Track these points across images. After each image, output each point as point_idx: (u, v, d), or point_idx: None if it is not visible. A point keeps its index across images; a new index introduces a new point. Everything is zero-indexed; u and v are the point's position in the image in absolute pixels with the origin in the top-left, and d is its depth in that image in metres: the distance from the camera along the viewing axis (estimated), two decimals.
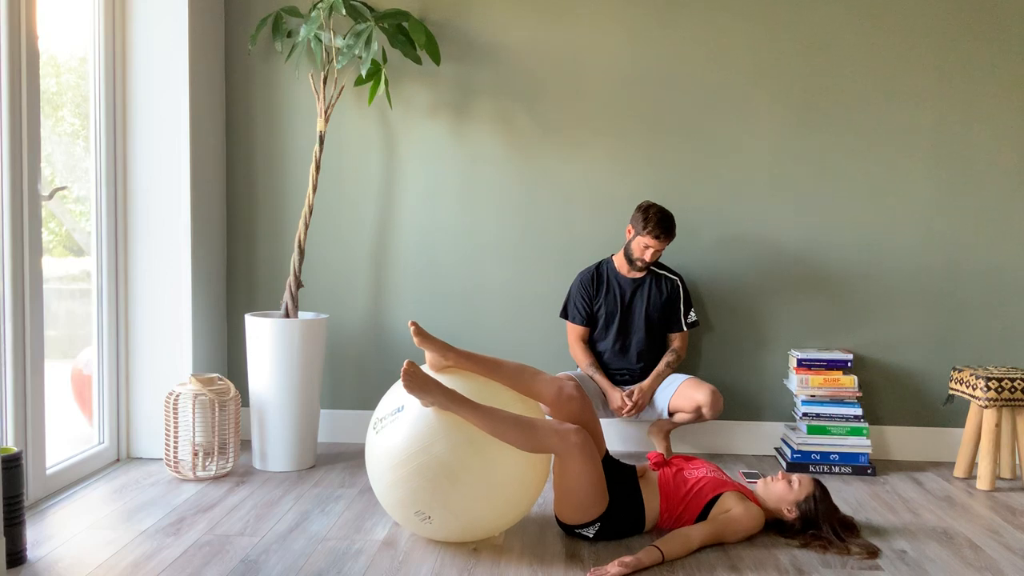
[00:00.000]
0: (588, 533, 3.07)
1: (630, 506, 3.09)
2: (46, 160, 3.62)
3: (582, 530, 3.07)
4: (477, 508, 2.91)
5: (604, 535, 3.07)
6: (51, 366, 3.54)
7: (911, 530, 3.29)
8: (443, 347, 3.06)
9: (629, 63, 4.26)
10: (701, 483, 3.14)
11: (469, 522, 2.94)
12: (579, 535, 3.09)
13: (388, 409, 3.01)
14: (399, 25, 4.03)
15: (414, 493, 2.88)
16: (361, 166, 4.35)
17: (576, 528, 3.08)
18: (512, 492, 2.96)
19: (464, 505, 2.88)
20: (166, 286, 3.98)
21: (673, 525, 3.12)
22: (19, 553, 2.81)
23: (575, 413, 3.10)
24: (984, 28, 4.15)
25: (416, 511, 2.91)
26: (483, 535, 3.06)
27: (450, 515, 2.90)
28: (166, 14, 3.92)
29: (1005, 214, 4.21)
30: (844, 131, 4.22)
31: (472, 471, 2.86)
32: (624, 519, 3.08)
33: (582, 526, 3.06)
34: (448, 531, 2.97)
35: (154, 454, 4.00)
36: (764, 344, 4.31)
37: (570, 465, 2.93)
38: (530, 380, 3.10)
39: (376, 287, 4.39)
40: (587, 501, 3.00)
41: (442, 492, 2.85)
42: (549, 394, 3.10)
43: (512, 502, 2.98)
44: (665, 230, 3.90)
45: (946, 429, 4.25)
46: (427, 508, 2.89)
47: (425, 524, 2.94)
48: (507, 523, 3.06)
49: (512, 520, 3.07)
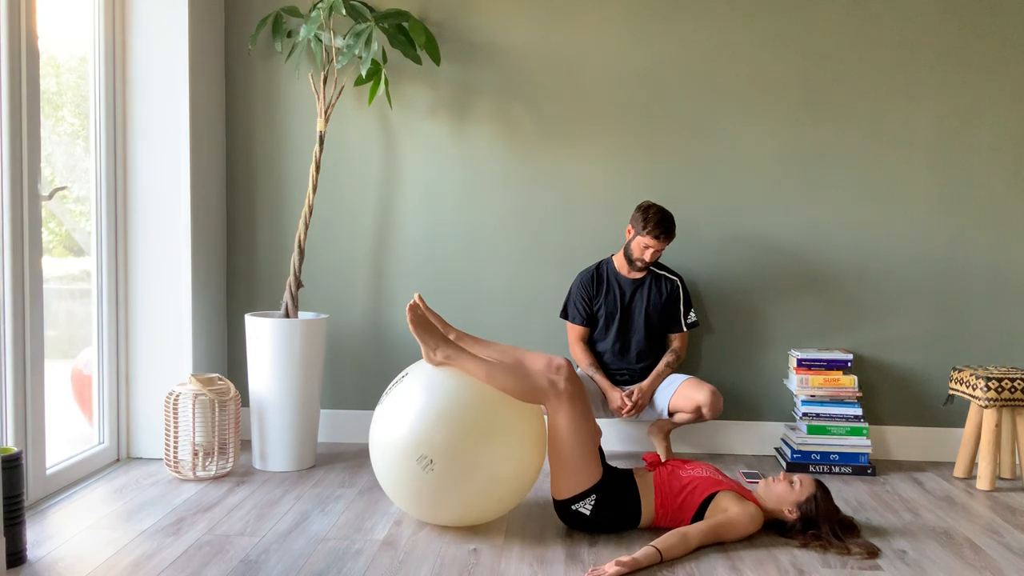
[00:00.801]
0: (585, 509, 3.08)
1: (626, 490, 3.13)
2: (46, 160, 3.62)
3: (579, 505, 3.08)
4: (479, 451, 2.98)
5: (602, 512, 3.08)
6: (51, 366, 3.54)
7: (911, 530, 3.29)
8: (442, 323, 3.30)
9: (629, 63, 4.26)
10: (696, 482, 3.15)
11: (470, 470, 2.98)
12: (576, 514, 3.10)
13: (393, 380, 3.24)
14: (399, 25, 4.03)
15: (416, 434, 2.97)
16: (361, 166, 4.35)
17: (573, 504, 3.09)
18: (514, 444, 3.08)
19: (465, 445, 2.97)
20: (166, 286, 3.98)
21: (668, 524, 3.13)
22: (19, 553, 2.82)
23: None
24: (984, 28, 4.15)
25: (419, 456, 2.96)
26: (483, 500, 3.06)
27: (453, 458, 2.95)
28: (166, 14, 3.92)
29: (1005, 214, 4.21)
30: (844, 131, 4.22)
31: (476, 414, 3.02)
32: (620, 498, 3.11)
33: (578, 498, 3.08)
34: (448, 485, 2.99)
35: (154, 454, 4.00)
36: (764, 344, 4.31)
37: (561, 415, 3.05)
38: (521, 355, 3.25)
39: (376, 287, 4.39)
40: (579, 461, 3.05)
41: (445, 429, 2.97)
42: (539, 366, 3.16)
43: (513, 457, 3.07)
44: (665, 230, 3.90)
45: (946, 429, 4.25)
46: (429, 450, 2.94)
47: (427, 475, 2.96)
48: (507, 485, 3.08)
49: (512, 482, 3.09)
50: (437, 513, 3.11)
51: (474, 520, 3.16)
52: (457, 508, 3.07)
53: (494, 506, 3.12)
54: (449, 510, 3.08)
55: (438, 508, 3.08)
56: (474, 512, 3.11)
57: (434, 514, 3.12)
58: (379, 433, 3.13)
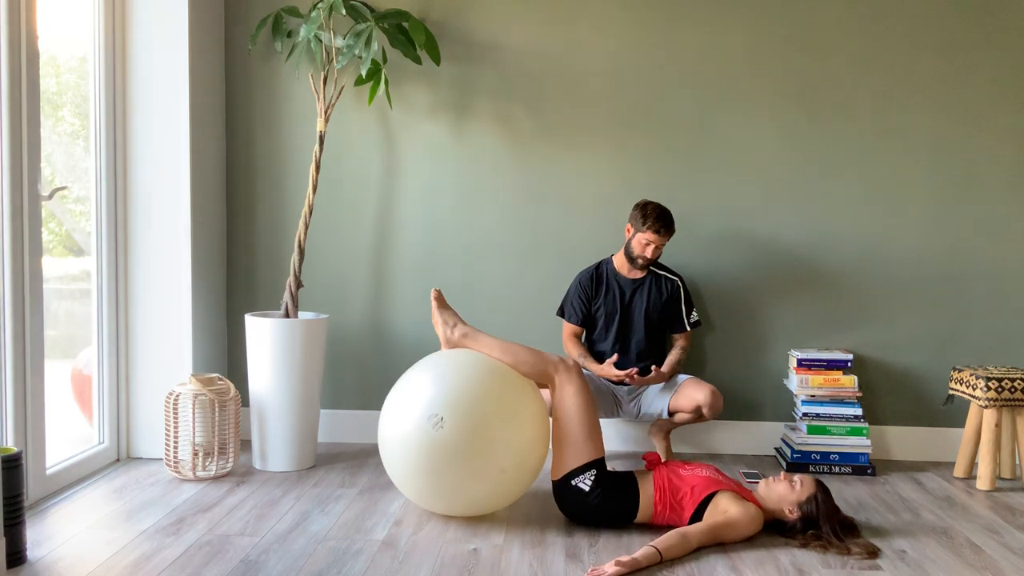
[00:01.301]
0: (584, 484, 3.12)
1: (624, 477, 3.20)
2: (46, 160, 3.62)
3: (578, 480, 3.13)
4: (490, 415, 3.11)
5: (601, 491, 3.12)
6: (51, 366, 3.54)
7: (911, 530, 3.29)
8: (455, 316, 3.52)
9: (629, 63, 4.26)
10: (695, 481, 3.15)
11: (481, 433, 3.07)
12: (576, 490, 3.13)
13: None
14: (399, 25, 4.03)
15: (431, 398, 3.11)
16: (361, 166, 4.35)
17: (572, 479, 3.13)
18: (523, 415, 3.21)
19: (477, 409, 3.10)
20: (166, 286, 3.98)
21: (666, 522, 3.15)
22: (19, 553, 2.82)
23: None
24: (984, 28, 4.15)
25: (431, 415, 3.07)
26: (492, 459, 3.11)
27: (463, 418, 3.06)
28: (166, 14, 3.92)
29: (1005, 214, 4.21)
30: (844, 131, 4.22)
31: (488, 381, 3.19)
32: (619, 481, 3.18)
33: (578, 472, 3.13)
34: (456, 448, 3.04)
35: (154, 454, 4.00)
36: (764, 344, 4.31)
37: (567, 390, 3.21)
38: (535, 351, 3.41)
39: (376, 287, 4.39)
40: (581, 435, 3.14)
41: (457, 393, 3.11)
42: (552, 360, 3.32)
43: (521, 425, 3.18)
44: (665, 224, 3.91)
45: (946, 429, 4.25)
46: (442, 409, 3.07)
47: (437, 432, 3.05)
48: (517, 457, 3.13)
49: (523, 454, 3.15)
50: (442, 489, 3.15)
51: (477, 503, 3.20)
52: (463, 482, 3.12)
53: (496, 479, 3.15)
54: (454, 485, 3.13)
55: (444, 481, 3.12)
56: (477, 486, 3.15)
57: (439, 491, 3.16)
58: (391, 408, 3.25)
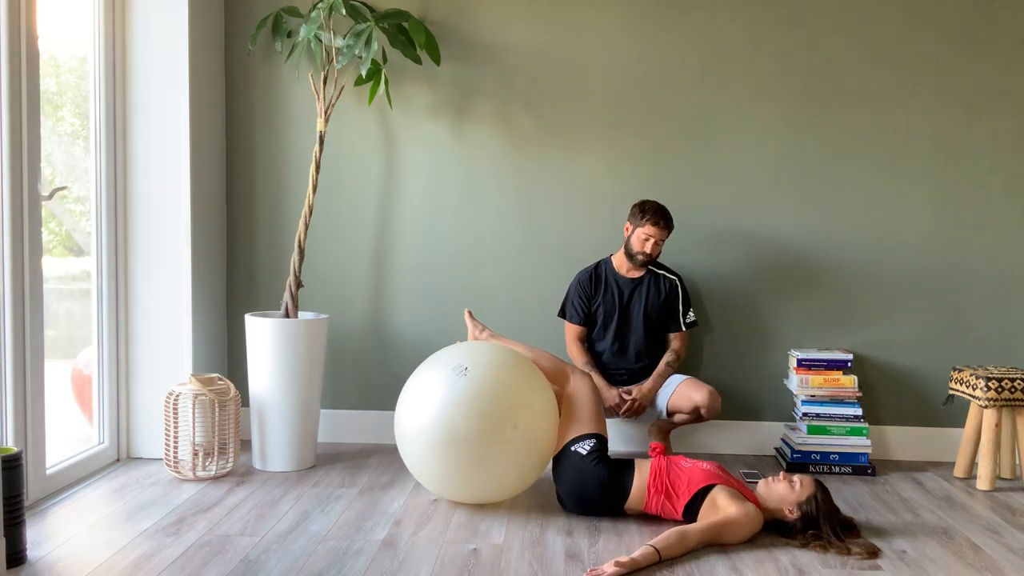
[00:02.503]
0: (582, 448, 3.25)
1: (622, 463, 3.29)
2: (46, 160, 3.62)
3: (578, 445, 3.27)
4: (512, 375, 3.32)
5: (598, 457, 3.25)
6: (51, 366, 3.54)
7: (911, 530, 3.29)
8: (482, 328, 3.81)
9: (629, 63, 4.26)
10: (695, 473, 3.18)
11: (501, 387, 3.26)
12: (573, 454, 3.26)
13: None
14: (399, 25, 4.03)
15: (455, 357, 3.34)
16: (361, 166, 4.35)
17: (572, 445, 3.27)
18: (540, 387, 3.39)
19: (500, 365, 3.31)
20: (166, 286, 3.98)
21: (659, 509, 3.20)
22: (19, 553, 2.82)
23: None
24: (984, 29, 4.15)
25: (455, 364, 3.28)
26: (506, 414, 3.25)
27: (487, 366, 3.28)
28: (166, 14, 3.92)
29: (1005, 214, 4.21)
30: (844, 131, 4.22)
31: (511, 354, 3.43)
32: (617, 460, 3.28)
33: (579, 439, 3.27)
34: (476, 399, 3.21)
35: (154, 454, 4.00)
36: (764, 344, 4.30)
37: (579, 385, 3.44)
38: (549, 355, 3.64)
39: (376, 287, 4.39)
40: (587, 415, 3.30)
41: (483, 350, 3.41)
42: (563, 366, 3.55)
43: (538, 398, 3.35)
44: (663, 217, 3.93)
45: (946, 429, 4.25)
46: (468, 362, 3.28)
47: (460, 379, 3.24)
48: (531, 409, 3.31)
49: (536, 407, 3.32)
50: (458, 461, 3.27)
51: (491, 481, 3.33)
52: (479, 447, 3.23)
53: (509, 435, 3.26)
54: (471, 452, 3.24)
55: (460, 436, 3.23)
56: (493, 456, 3.26)
57: (456, 465, 3.28)
58: (413, 391, 3.40)
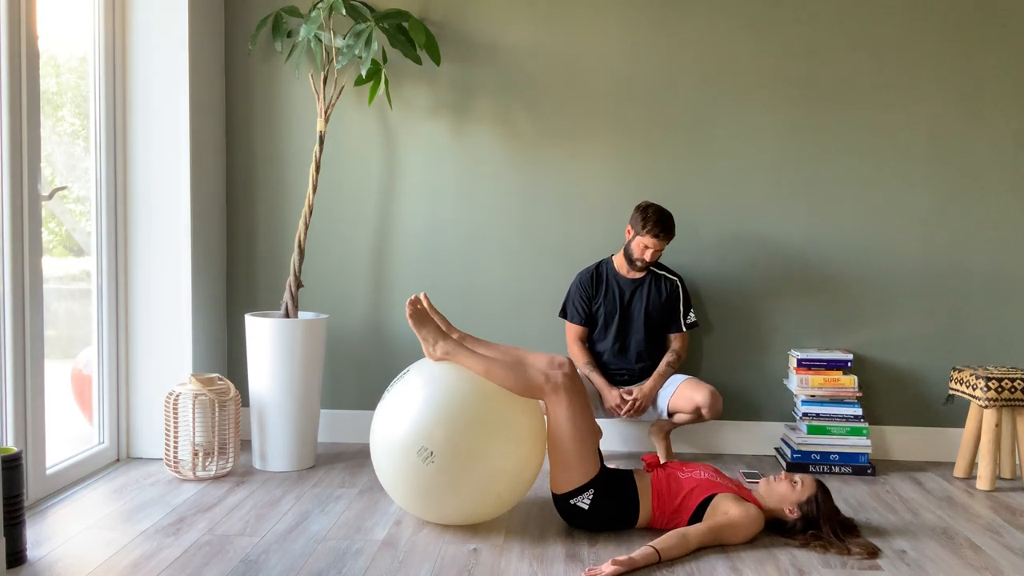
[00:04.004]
0: (583, 503, 3.10)
1: (625, 486, 3.15)
2: (46, 160, 3.62)
3: (577, 499, 3.10)
4: (479, 444, 3.01)
5: (600, 507, 3.10)
6: (51, 366, 3.54)
7: (911, 530, 3.29)
8: (445, 323, 3.37)
9: (629, 63, 4.26)
10: (694, 484, 3.14)
11: (470, 462, 2.99)
12: (575, 508, 3.11)
13: (395, 379, 3.26)
14: (399, 25, 4.03)
15: (417, 428, 3.00)
16: (361, 166, 4.35)
17: (571, 498, 3.11)
18: (514, 437, 3.10)
19: (466, 438, 3.00)
20: (166, 286, 3.98)
21: (666, 525, 3.13)
22: (19, 553, 2.82)
23: None
24: (983, 29, 4.15)
25: (419, 448, 2.97)
26: (483, 497, 3.07)
27: (453, 450, 2.96)
28: (166, 14, 3.92)
29: (1005, 214, 4.21)
30: (844, 131, 4.22)
31: (475, 408, 3.04)
32: (619, 493, 3.13)
33: (576, 492, 3.09)
34: (449, 477, 2.99)
35: (154, 454, 4.00)
36: (764, 344, 4.30)
37: (559, 409, 3.07)
38: (523, 355, 3.27)
39: (376, 287, 4.39)
40: (577, 455, 3.07)
41: (446, 422, 2.99)
42: (542, 364, 3.18)
43: (514, 450, 3.09)
44: (664, 229, 3.90)
45: (946, 429, 4.25)
46: (430, 442, 2.95)
47: (428, 467, 2.98)
48: (508, 478, 3.09)
49: (513, 476, 3.09)
50: (437, 509, 3.11)
51: (474, 518, 3.17)
52: (457, 503, 3.07)
53: (493, 502, 3.12)
54: (449, 505, 3.08)
55: (438, 503, 3.08)
56: (474, 507, 3.11)
57: (434, 510, 3.12)
58: (380, 429, 3.14)
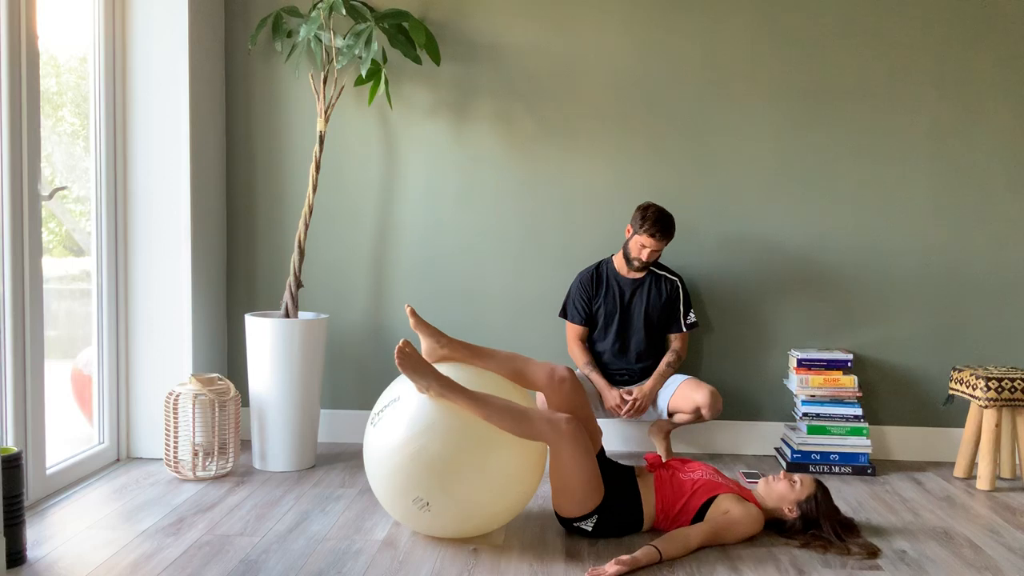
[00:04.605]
0: (587, 527, 3.07)
1: (628, 500, 3.10)
2: (46, 160, 3.62)
3: (580, 523, 3.07)
4: (475, 492, 2.92)
5: (603, 529, 3.07)
6: (51, 366, 3.54)
7: (911, 530, 3.29)
8: (437, 333, 3.17)
9: (629, 63, 4.26)
10: (697, 485, 3.14)
11: (467, 508, 2.94)
12: (578, 529, 3.09)
13: (385, 401, 3.07)
14: (399, 25, 4.03)
15: (411, 478, 2.89)
16: (361, 166, 4.36)
17: (574, 521, 3.08)
18: (510, 476, 2.97)
19: (462, 488, 2.89)
20: (166, 286, 3.98)
21: (669, 526, 3.13)
22: (19, 553, 2.82)
23: (567, 394, 3.15)
24: (983, 30, 4.15)
25: (414, 498, 2.91)
26: (482, 525, 3.05)
27: (448, 499, 2.91)
28: (166, 14, 3.92)
29: (1005, 214, 4.21)
30: (844, 131, 4.22)
31: (469, 455, 2.90)
32: (622, 512, 3.09)
33: (580, 519, 3.06)
34: (446, 520, 2.97)
35: (154, 454, 4.00)
36: (764, 344, 4.31)
37: (562, 455, 2.97)
38: (522, 365, 3.17)
39: (376, 287, 4.39)
40: (581, 492, 3.01)
41: (439, 475, 2.87)
42: (541, 377, 3.16)
43: (510, 487, 2.98)
44: (662, 230, 3.89)
45: (946, 429, 4.25)
46: (425, 492, 2.89)
47: (424, 513, 2.94)
48: (506, 511, 3.05)
49: (511, 508, 3.05)
50: (439, 533, 3.09)
51: (474, 534, 3.14)
52: (456, 530, 3.05)
53: (492, 523, 3.10)
54: (449, 531, 3.06)
55: (440, 530, 3.05)
56: (473, 531, 3.08)
57: (436, 533, 3.10)
58: (373, 468, 3.03)
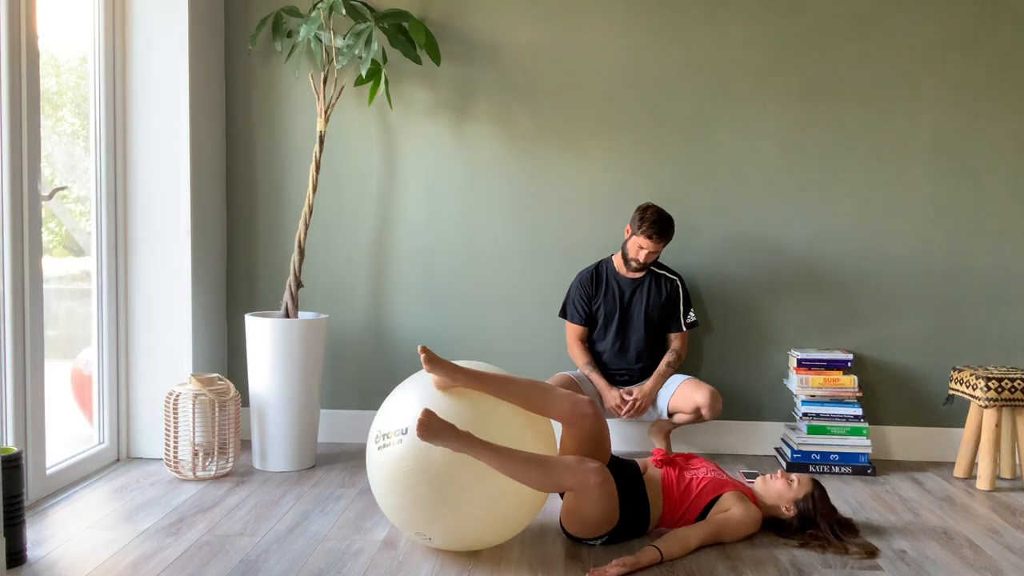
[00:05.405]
0: (594, 543, 3.07)
1: (637, 512, 3.07)
2: (46, 160, 3.62)
3: (589, 541, 3.07)
4: (475, 530, 2.90)
5: (610, 542, 3.07)
6: (51, 366, 3.54)
7: (911, 530, 3.29)
8: (453, 369, 2.90)
9: (629, 63, 4.26)
10: (702, 483, 3.14)
11: (468, 542, 2.95)
12: (585, 545, 3.08)
13: (393, 426, 2.90)
14: (399, 25, 4.03)
15: (414, 518, 2.87)
16: (361, 166, 4.35)
17: (583, 540, 3.08)
18: (510, 514, 2.93)
19: (462, 529, 2.88)
20: (166, 286, 3.98)
21: (674, 525, 3.13)
22: (19, 553, 2.82)
23: (588, 430, 3.01)
24: (983, 31, 4.15)
25: (416, 531, 2.91)
26: (483, 545, 3.04)
27: (449, 538, 2.91)
28: (166, 14, 3.92)
29: (1005, 214, 4.21)
30: (844, 132, 4.22)
31: (470, 498, 2.81)
32: (631, 527, 3.07)
33: (589, 539, 3.06)
34: (447, 546, 2.97)
35: (154, 454, 4.00)
36: (764, 344, 4.30)
37: (586, 501, 2.92)
38: (542, 398, 2.99)
39: (376, 287, 4.39)
40: (597, 525, 3.00)
41: (441, 519, 2.83)
42: (562, 411, 3.00)
43: (510, 523, 2.96)
44: (660, 232, 3.89)
45: (946, 429, 4.25)
46: (427, 530, 2.88)
47: (425, 542, 2.95)
48: (509, 533, 3.03)
49: (514, 530, 3.03)
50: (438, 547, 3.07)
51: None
52: (458, 549, 3.03)
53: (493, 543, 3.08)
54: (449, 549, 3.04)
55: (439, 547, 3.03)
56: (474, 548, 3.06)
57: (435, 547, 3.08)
58: (377, 489, 2.96)
